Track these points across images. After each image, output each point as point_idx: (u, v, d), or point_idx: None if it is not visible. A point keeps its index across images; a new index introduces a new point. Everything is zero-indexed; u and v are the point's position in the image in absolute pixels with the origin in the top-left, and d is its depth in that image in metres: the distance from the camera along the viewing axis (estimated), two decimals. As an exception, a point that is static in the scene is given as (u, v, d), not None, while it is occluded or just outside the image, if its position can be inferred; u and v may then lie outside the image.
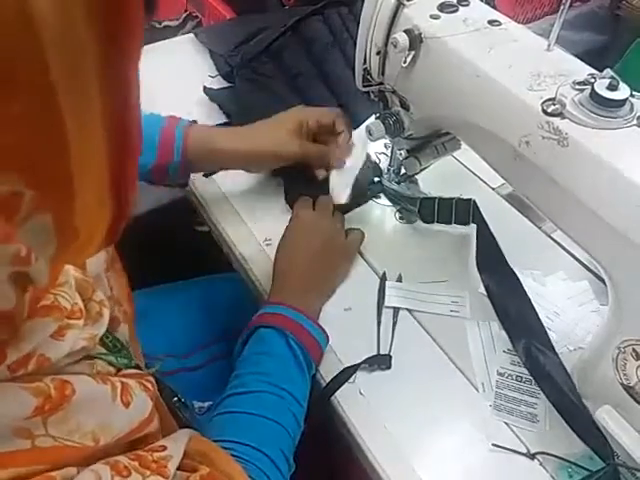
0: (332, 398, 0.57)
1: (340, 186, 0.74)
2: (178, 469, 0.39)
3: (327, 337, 0.61)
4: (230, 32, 0.99)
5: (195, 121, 0.72)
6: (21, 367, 0.31)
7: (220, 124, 0.87)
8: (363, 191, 0.77)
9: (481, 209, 0.68)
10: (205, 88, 0.91)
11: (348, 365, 0.59)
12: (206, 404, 0.71)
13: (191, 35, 1.05)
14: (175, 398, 0.60)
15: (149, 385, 0.42)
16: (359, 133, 0.82)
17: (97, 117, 0.24)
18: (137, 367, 0.43)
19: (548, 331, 0.61)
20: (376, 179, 0.79)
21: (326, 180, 0.74)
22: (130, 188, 0.29)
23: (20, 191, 0.23)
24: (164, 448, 0.39)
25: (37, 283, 0.27)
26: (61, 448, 0.32)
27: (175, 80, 0.94)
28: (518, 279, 0.64)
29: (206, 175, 0.78)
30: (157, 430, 0.44)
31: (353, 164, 0.75)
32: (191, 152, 0.69)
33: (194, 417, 0.66)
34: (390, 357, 0.60)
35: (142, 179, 0.70)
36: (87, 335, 0.37)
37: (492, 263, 0.66)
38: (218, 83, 0.94)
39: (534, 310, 0.62)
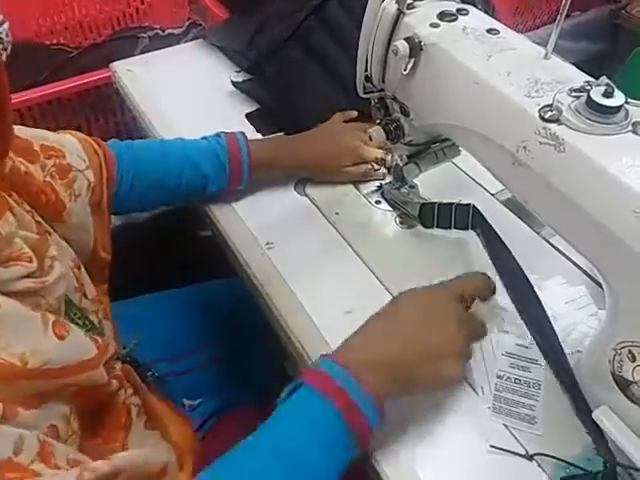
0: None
1: None
2: None
3: (382, 415, 0.48)
4: (237, 28, 1.01)
5: (243, 133, 0.76)
6: None
7: (251, 112, 0.92)
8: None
9: (480, 214, 0.69)
10: (233, 82, 0.94)
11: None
12: (196, 402, 0.72)
13: (194, 42, 1.07)
14: (149, 372, 0.62)
15: (100, 341, 0.45)
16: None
17: None
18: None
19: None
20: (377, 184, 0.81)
21: None
22: None
23: None
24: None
25: None
26: None
27: (185, 85, 0.96)
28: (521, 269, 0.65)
29: None
30: (106, 383, 0.46)
31: None
32: (256, 171, 0.74)
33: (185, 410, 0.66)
34: (390, 360, 0.59)
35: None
36: (37, 280, 0.40)
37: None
38: (240, 78, 0.97)
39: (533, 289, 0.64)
